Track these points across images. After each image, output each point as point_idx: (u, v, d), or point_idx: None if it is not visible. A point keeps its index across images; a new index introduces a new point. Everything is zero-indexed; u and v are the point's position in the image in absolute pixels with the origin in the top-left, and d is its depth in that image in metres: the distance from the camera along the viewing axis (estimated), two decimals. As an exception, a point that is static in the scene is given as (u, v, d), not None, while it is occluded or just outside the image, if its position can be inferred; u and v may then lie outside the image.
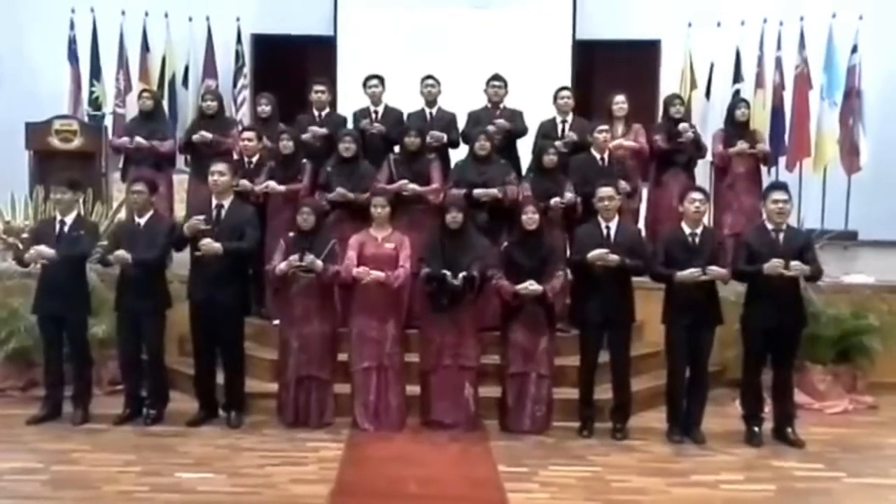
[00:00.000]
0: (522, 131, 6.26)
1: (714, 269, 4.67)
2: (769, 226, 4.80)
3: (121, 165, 6.73)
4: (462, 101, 6.41)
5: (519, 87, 6.52)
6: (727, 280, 4.80)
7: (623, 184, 5.52)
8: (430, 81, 6.26)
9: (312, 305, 4.96)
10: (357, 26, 8.62)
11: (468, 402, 4.98)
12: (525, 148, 6.28)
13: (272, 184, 5.61)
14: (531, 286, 4.77)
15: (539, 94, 6.67)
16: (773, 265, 4.59)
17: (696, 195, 4.84)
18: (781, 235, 4.75)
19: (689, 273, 4.66)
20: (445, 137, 6.05)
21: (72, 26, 8.40)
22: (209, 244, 4.83)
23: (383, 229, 5.06)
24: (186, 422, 5.05)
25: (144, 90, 7.16)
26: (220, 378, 5.16)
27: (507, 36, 8.45)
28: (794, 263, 4.60)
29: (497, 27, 8.51)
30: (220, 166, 5.08)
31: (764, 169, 6.81)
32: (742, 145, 6.31)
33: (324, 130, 6.00)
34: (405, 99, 6.40)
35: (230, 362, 5.10)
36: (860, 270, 6.32)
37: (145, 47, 8.54)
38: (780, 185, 4.91)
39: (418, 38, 8.43)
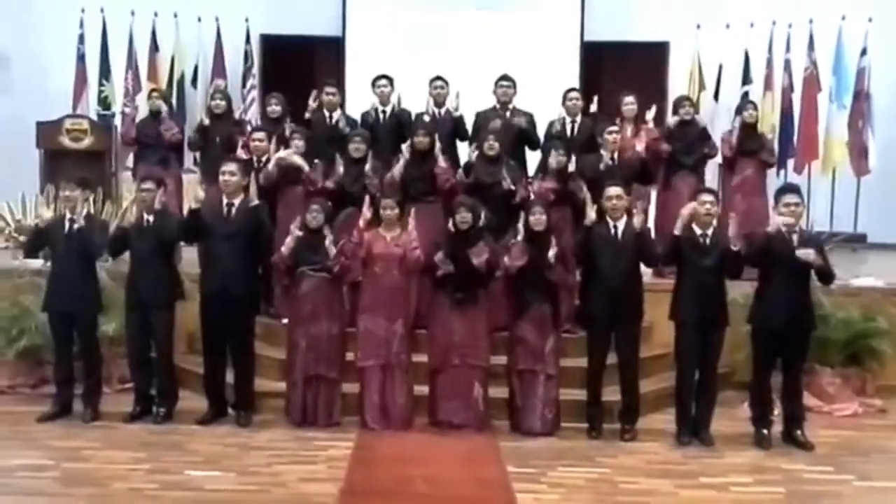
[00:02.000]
0: (535, 144, 6.24)
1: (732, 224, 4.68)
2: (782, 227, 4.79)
3: (130, 164, 6.76)
4: (470, 101, 6.41)
5: (527, 89, 6.52)
6: (734, 243, 4.72)
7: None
8: (439, 83, 6.25)
9: (321, 305, 4.97)
10: (365, 27, 8.65)
11: (477, 403, 4.98)
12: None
13: (295, 156, 5.63)
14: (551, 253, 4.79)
15: (547, 96, 6.67)
16: (776, 221, 4.62)
17: (707, 197, 4.84)
18: (794, 237, 4.74)
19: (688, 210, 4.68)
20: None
21: (81, 26, 8.44)
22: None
23: (393, 230, 5.07)
24: (196, 420, 5.06)
25: (153, 90, 7.19)
26: (229, 377, 5.17)
27: (515, 37, 8.46)
28: (802, 251, 4.59)
29: (505, 28, 8.53)
30: (230, 166, 5.09)
31: (771, 171, 6.79)
32: (750, 111, 6.33)
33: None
34: (413, 99, 6.41)
35: (240, 360, 5.11)
36: (869, 273, 6.30)
37: (154, 47, 8.58)
38: (792, 188, 4.90)
39: (426, 38, 8.45)
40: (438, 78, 6.29)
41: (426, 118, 6.14)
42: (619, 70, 8.47)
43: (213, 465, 4.41)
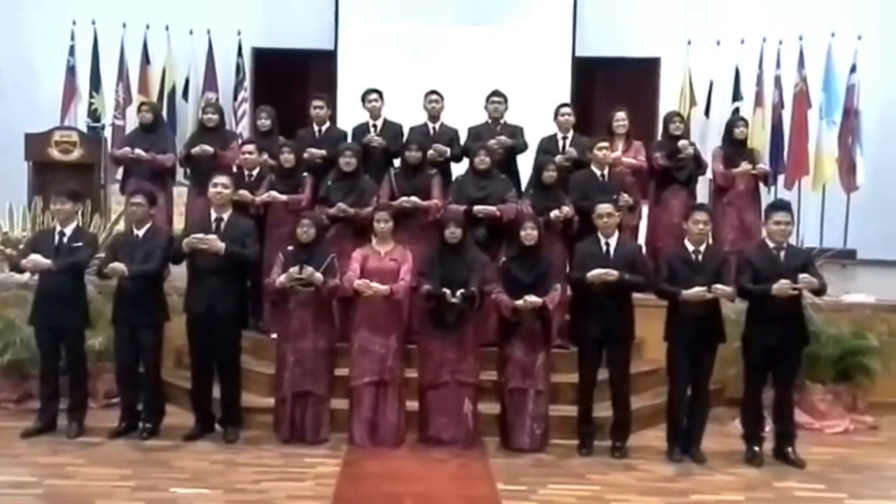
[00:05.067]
0: (523, 147, 6.27)
1: (720, 288, 4.64)
2: (770, 244, 4.79)
3: (119, 177, 6.71)
4: (462, 116, 6.41)
5: (519, 104, 6.53)
6: (733, 298, 4.78)
7: (625, 196, 5.52)
8: (434, 97, 6.26)
9: (309, 319, 4.93)
10: (357, 40, 8.66)
11: (467, 419, 4.95)
12: (525, 164, 6.28)
13: (274, 193, 5.60)
14: (529, 298, 4.74)
15: (539, 111, 6.69)
16: (782, 286, 4.56)
17: (700, 216, 4.82)
18: (783, 253, 4.74)
19: (695, 292, 4.64)
20: (449, 151, 6.05)
21: (72, 38, 8.42)
22: (213, 241, 4.80)
23: (386, 244, 5.04)
24: (182, 436, 5.01)
25: (144, 103, 7.14)
26: (216, 392, 5.12)
27: (507, 52, 8.49)
28: (803, 276, 4.59)
29: (497, 43, 8.56)
30: (222, 179, 5.06)
31: (763, 186, 6.81)
32: (745, 166, 6.30)
33: (322, 152, 5.97)
34: (405, 113, 6.41)
35: (227, 376, 5.06)
36: (859, 290, 6.31)
37: (146, 59, 8.57)
38: (782, 206, 4.89)
39: (418, 52, 8.47)
40: (433, 92, 6.30)
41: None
42: (611, 86, 8.52)
43: (199, 483, 4.35)
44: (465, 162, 6.02)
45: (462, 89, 6.98)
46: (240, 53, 8.71)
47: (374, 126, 6.26)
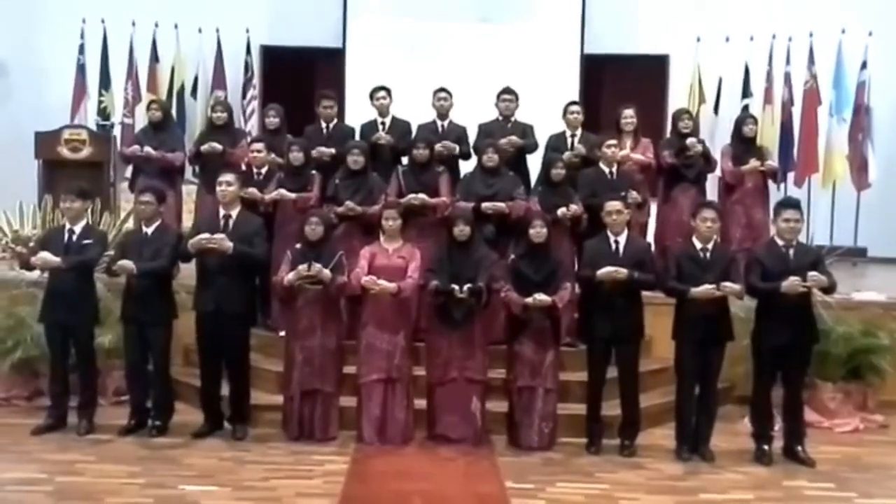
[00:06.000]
0: (534, 147, 6.26)
1: (729, 286, 4.63)
2: (779, 242, 4.77)
3: (128, 175, 6.74)
4: (470, 114, 6.40)
5: (527, 101, 6.51)
6: (742, 296, 4.76)
7: (634, 194, 5.50)
8: (443, 95, 6.25)
9: (317, 317, 4.93)
10: (366, 38, 8.66)
11: (475, 417, 4.95)
12: (534, 162, 6.27)
13: (283, 191, 5.61)
14: (539, 297, 4.73)
15: (547, 108, 6.67)
16: (792, 283, 4.54)
17: (709, 213, 4.80)
18: (792, 251, 4.72)
19: (704, 289, 4.62)
20: (458, 148, 6.05)
21: (82, 36, 8.46)
22: (221, 240, 4.81)
23: (394, 241, 5.04)
24: (191, 433, 5.02)
25: (153, 101, 7.15)
26: (225, 390, 5.13)
27: (515, 49, 8.48)
28: (812, 274, 4.57)
29: (506, 41, 8.55)
30: (228, 177, 5.07)
31: (772, 184, 6.78)
32: (754, 163, 6.27)
33: (331, 151, 5.97)
34: (413, 111, 6.41)
35: (236, 374, 5.08)
36: (870, 288, 6.28)
37: (155, 58, 8.60)
38: (792, 203, 4.86)
39: (427, 50, 8.47)
40: (442, 90, 6.29)
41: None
42: (619, 83, 8.48)
43: (208, 480, 4.37)
44: (474, 160, 6.02)
45: (470, 87, 6.97)
46: (248, 52, 8.73)
47: (383, 124, 6.26)
